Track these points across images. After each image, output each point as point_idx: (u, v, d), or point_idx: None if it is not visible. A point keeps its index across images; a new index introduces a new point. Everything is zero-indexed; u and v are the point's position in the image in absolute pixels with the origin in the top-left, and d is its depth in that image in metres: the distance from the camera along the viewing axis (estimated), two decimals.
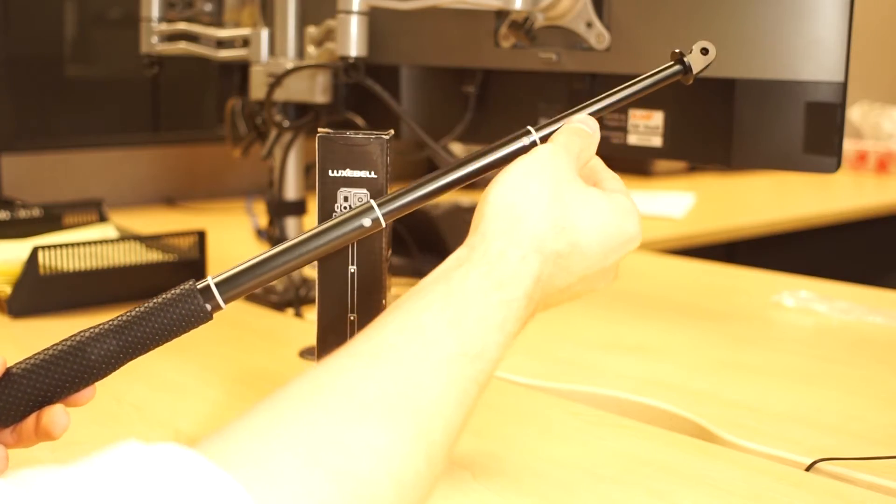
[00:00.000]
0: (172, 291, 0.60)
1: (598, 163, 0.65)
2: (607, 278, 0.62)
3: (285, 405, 0.47)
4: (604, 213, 0.60)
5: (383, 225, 0.63)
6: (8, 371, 0.58)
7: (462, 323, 0.52)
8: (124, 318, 0.60)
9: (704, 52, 0.69)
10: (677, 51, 0.70)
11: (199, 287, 0.60)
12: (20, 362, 0.59)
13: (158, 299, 0.60)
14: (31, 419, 0.59)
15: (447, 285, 0.54)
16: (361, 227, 0.62)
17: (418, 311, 0.53)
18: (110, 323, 0.60)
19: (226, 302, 0.60)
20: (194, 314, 0.60)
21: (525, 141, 0.64)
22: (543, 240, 0.57)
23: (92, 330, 0.60)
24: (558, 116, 0.66)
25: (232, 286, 0.61)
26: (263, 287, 0.64)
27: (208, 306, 0.60)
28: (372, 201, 0.63)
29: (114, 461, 0.40)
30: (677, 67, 0.70)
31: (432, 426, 0.49)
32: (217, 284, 0.60)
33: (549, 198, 0.58)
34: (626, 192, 0.62)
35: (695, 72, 0.69)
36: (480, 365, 0.52)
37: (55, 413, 0.58)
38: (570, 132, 0.63)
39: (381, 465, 0.45)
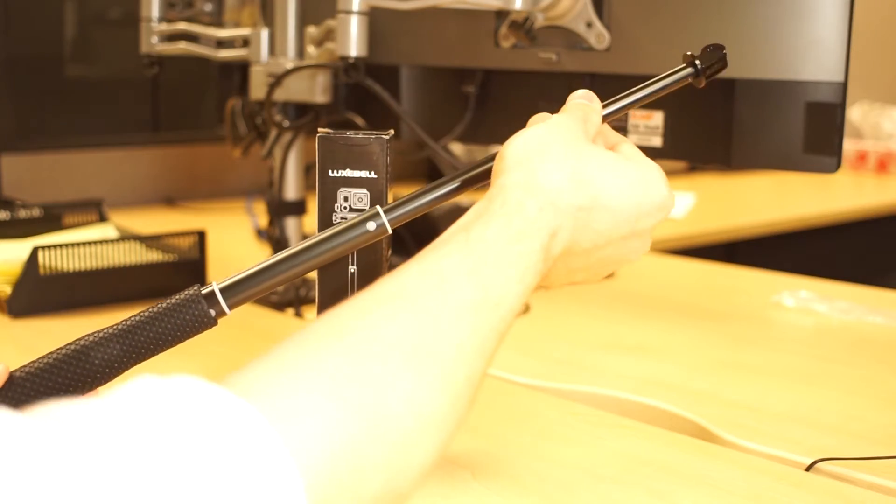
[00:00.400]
0: (177, 297, 0.60)
1: (611, 132, 0.66)
2: (640, 245, 0.62)
3: (306, 343, 0.46)
4: (629, 174, 0.60)
5: (389, 231, 0.63)
6: (11, 376, 0.58)
7: (482, 272, 0.52)
8: (128, 322, 0.60)
9: (715, 51, 0.69)
10: (689, 53, 0.69)
11: (203, 293, 0.60)
12: (23, 366, 0.59)
13: (163, 304, 0.60)
14: None
15: (467, 236, 0.54)
16: (367, 232, 0.63)
17: (439, 258, 0.53)
18: (114, 327, 0.60)
19: (230, 308, 0.61)
20: (198, 320, 0.60)
21: None
22: (560, 192, 0.57)
23: (96, 334, 0.59)
24: None
25: (236, 292, 0.61)
26: None
27: (212, 312, 0.60)
28: (378, 207, 0.63)
29: (131, 394, 0.39)
30: (688, 70, 0.69)
31: (454, 370, 0.49)
32: (222, 290, 0.60)
33: (567, 153, 0.58)
34: (647, 159, 0.63)
35: (704, 69, 0.69)
36: (500, 314, 0.52)
37: None
38: (574, 105, 0.64)
39: (403, 401, 0.45)
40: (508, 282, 0.53)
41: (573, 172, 0.58)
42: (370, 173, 0.67)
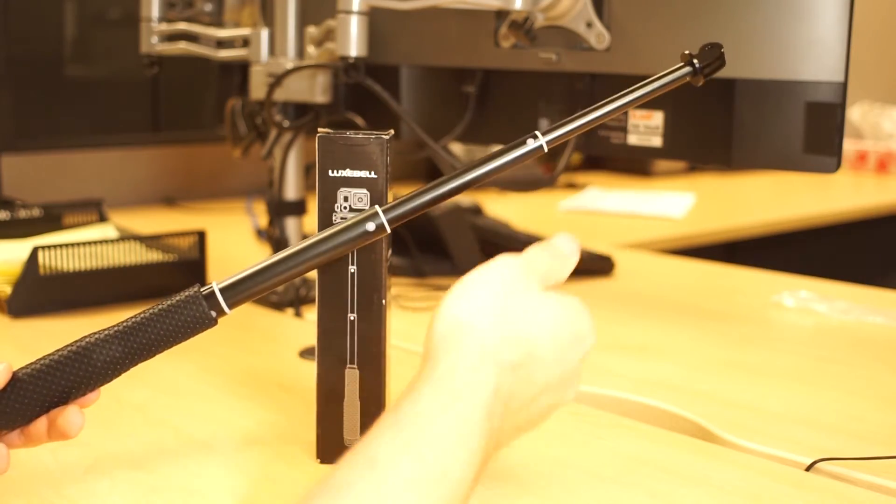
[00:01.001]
0: (177, 297, 0.60)
1: None
2: (573, 384, 0.60)
3: None
4: (555, 317, 0.58)
5: (388, 231, 0.63)
6: (14, 375, 0.59)
7: (415, 446, 0.50)
8: (129, 322, 0.60)
9: (713, 50, 0.69)
10: (687, 52, 0.69)
11: (203, 293, 0.60)
12: (26, 366, 0.59)
13: (163, 304, 0.60)
14: (41, 421, 0.60)
15: (396, 414, 0.52)
16: (366, 233, 0.63)
17: (368, 445, 0.50)
18: (115, 328, 0.60)
19: (230, 308, 0.61)
20: (199, 320, 0.60)
21: (531, 144, 0.64)
22: (497, 351, 0.55)
23: (97, 335, 0.60)
24: (564, 120, 0.66)
25: (236, 292, 0.61)
26: None
27: (213, 312, 0.60)
28: (377, 207, 0.63)
29: None
30: (687, 69, 0.69)
31: None
32: (222, 290, 0.60)
33: (498, 310, 0.57)
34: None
35: (702, 68, 0.69)
36: (449, 485, 0.50)
37: (70, 413, 0.59)
38: (543, 250, 0.62)
39: None
40: (450, 450, 0.51)
41: (507, 331, 0.56)
42: (370, 173, 0.67)
